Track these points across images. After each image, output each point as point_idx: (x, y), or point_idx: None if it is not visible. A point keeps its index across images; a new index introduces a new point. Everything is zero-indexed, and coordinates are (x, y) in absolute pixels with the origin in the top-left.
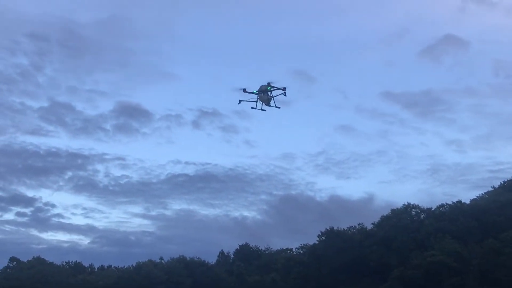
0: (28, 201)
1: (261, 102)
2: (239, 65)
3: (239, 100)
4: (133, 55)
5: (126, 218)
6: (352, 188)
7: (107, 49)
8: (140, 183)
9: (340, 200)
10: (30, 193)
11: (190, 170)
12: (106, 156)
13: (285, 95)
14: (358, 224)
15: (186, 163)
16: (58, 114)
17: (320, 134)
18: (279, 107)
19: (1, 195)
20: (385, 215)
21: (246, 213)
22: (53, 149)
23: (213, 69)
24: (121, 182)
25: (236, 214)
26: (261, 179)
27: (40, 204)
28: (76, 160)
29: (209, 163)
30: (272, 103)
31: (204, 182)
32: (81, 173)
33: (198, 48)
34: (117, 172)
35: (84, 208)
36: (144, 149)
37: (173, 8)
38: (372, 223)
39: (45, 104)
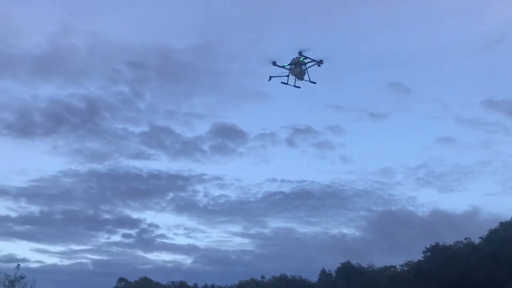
0: (133, 223)
1: (293, 77)
2: (332, 81)
3: (270, 77)
4: (226, 77)
5: (226, 237)
6: (456, 202)
7: (202, 73)
8: (238, 202)
9: (443, 214)
10: (135, 215)
11: (286, 188)
12: (205, 177)
13: (319, 65)
14: (465, 239)
15: (282, 181)
16: (158, 138)
17: (419, 147)
18: (315, 82)
19: (108, 218)
20: (493, 228)
21: (345, 230)
22: (155, 172)
23: (305, 86)
24: (220, 201)
25: (334, 231)
26: (359, 195)
27: (145, 225)
28: (176, 181)
29: (305, 181)
30: (306, 77)
31: (301, 200)
32: (182, 194)
33: None
34: (215, 191)
35: (186, 228)
36: (240, 168)
37: (262, 28)
38: (480, 237)
39: (146, 129)
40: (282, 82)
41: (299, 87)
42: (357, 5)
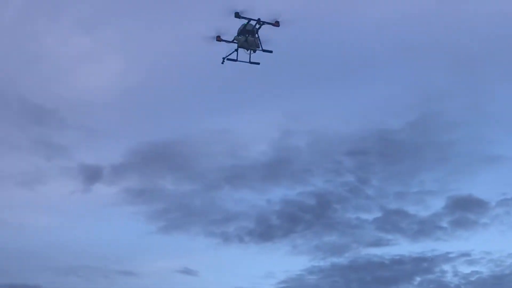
0: None
1: (246, 51)
2: None
3: (223, 59)
4: (451, 147)
5: None
6: None
7: (425, 148)
8: (492, 277)
9: None
10: None
11: None
12: (450, 255)
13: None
14: None
15: None
16: (393, 221)
17: None
18: (271, 51)
19: None
20: None
21: None
22: (397, 257)
23: None
24: (472, 279)
25: None
26: None
27: None
28: (421, 264)
29: None
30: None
31: None
32: (429, 276)
33: None
34: (465, 269)
35: None
36: (488, 240)
37: (484, 88)
38: None
39: (379, 214)
40: (229, 59)
41: (258, 63)
42: None
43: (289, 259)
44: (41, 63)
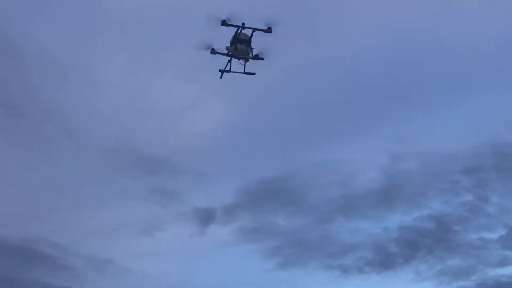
0: None
1: (241, 61)
2: None
3: (220, 72)
4: None
5: None
6: None
7: None
8: None
9: None
10: None
11: None
12: None
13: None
14: None
15: None
16: None
17: None
18: (263, 58)
19: None
20: None
21: None
22: None
23: None
24: None
25: None
26: None
27: None
28: None
29: None
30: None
31: None
32: None
33: None
34: None
35: None
36: None
37: None
38: None
39: (503, 232)
40: (226, 71)
41: (254, 74)
42: None
43: (413, 286)
44: (150, 114)
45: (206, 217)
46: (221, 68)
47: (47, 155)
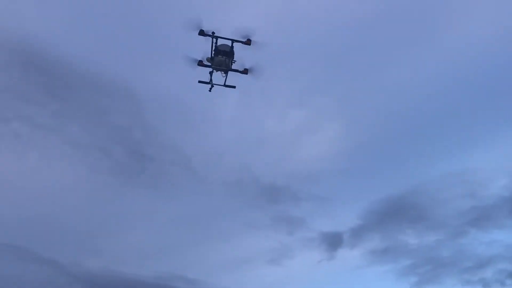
0: None
1: (222, 73)
2: None
3: (210, 85)
4: None
5: None
6: None
7: None
8: None
9: None
10: None
11: None
12: None
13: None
14: None
15: None
16: None
17: None
18: (246, 70)
19: None
20: None
21: None
22: None
23: None
24: None
25: None
26: None
27: None
28: None
29: None
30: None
31: None
32: None
33: None
34: None
35: None
36: None
37: None
38: None
39: None
40: (211, 84)
41: (234, 87)
42: None
43: None
44: (266, 144)
45: (333, 241)
46: (200, 80)
47: (174, 193)
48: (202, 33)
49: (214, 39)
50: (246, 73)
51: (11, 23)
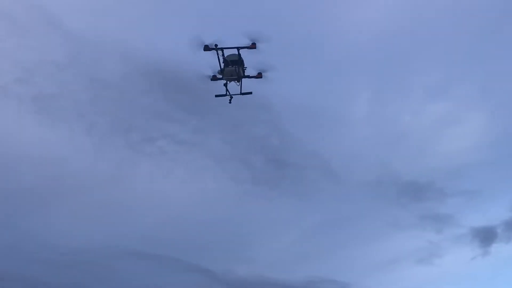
0: None
1: (237, 83)
2: None
3: (229, 97)
4: None
5: None
6: None
7: None
8: None
9: None
10: None
11: None
12: None
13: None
14: None
15: None
16: None
17: None
18: (260, 74)
19: None
20: None
21: None
22: None
23: None
24: None
25: None
26: None
27: None
28: None
29: None
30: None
31: None
32: None
33: None
34: None
35: None
36: None
37: None
38: None
39: None
40: (217, 96)
41: (250, 93)
42: None
43: None
44: (404, 140)
45: (486, 236)
46: (217, 94)
47: (316, 198)
48: (207, 48)
49: (220, 51)
50: (261, 77)
51: (144, 45)
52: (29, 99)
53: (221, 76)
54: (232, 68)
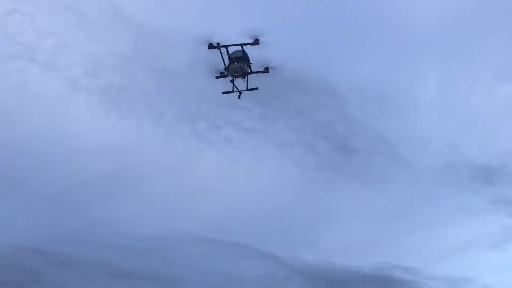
0: None
1: (243, 79)
2: None
3: (238, 92)
4: None
5: None
6: None
7: None
8: None
9: None
10: None
11: None
12: None
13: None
14: None
15: None
16: None
17: None
18: (267, 69)
19: None
20: None
21: None
22: None
23: None
24: None
25: None
26: None
27: None
28: None
29: None
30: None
31: None
32: None
33: None
34: None
35: None
36: None
37: None
38: None
39: None
40: (224, 93)
41: (256, 89)
42: None
43: None
44: (475, 123)
45: None
46: (224, 90)
47: (383, 183)
48: (211, 46)
49: (224, 49)
50: (268, 72)
51: (208, 35)
52: (98, 90)
53: (227, 73)
54: (237, 65)
